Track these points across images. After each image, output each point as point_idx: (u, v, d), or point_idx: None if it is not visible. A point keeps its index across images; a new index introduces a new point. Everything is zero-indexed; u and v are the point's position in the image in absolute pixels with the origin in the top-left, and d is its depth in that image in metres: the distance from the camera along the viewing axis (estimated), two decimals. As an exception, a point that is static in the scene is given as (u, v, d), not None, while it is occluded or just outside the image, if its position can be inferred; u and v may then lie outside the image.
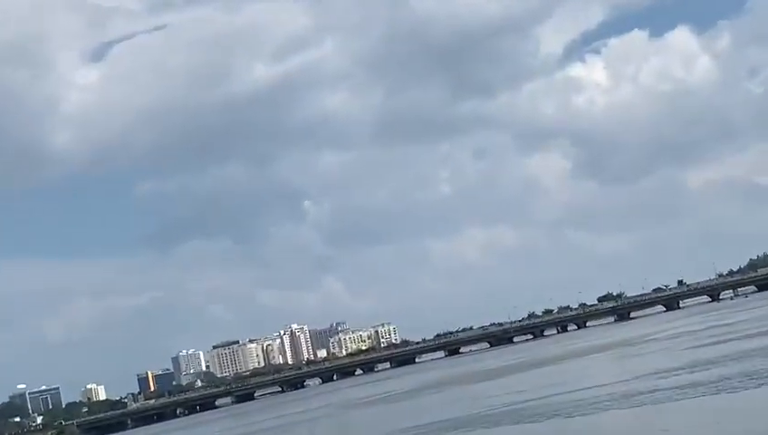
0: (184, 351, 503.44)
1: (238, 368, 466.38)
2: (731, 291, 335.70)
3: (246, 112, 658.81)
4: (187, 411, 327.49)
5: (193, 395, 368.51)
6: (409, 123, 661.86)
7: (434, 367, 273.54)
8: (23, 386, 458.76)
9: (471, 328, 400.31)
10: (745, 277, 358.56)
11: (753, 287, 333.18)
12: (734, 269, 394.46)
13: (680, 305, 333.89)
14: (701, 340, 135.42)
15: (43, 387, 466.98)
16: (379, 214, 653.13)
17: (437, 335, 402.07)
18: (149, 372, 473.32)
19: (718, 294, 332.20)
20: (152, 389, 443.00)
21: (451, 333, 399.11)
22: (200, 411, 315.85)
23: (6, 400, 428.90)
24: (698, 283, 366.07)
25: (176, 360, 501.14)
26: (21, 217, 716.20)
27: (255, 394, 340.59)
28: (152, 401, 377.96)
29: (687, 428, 58.89)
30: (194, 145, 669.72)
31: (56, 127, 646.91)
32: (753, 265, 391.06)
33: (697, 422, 60.88)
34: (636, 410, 73.24)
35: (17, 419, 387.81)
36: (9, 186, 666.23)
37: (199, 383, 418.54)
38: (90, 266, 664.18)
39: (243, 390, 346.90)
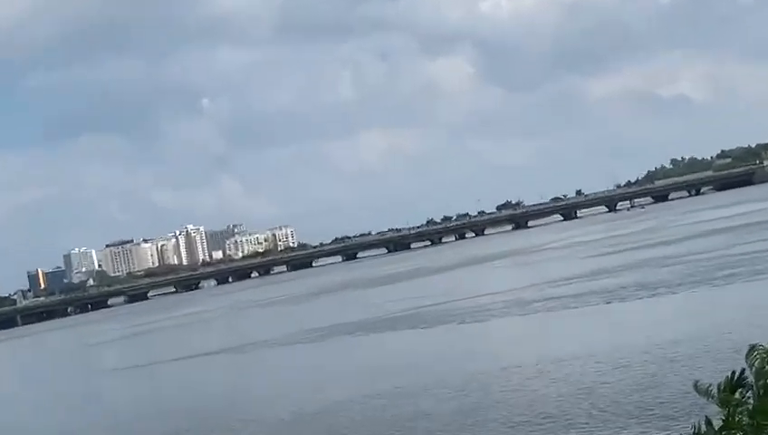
0: (76, 249, 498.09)
1: (132, 268, 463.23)
2: (628, 202, 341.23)
3: (145, 6, 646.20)
4: (78, 310, 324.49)
5: (85, 294, 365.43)
6: (311, 23, 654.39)
7: (331, 271, 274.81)
8: None
9: (369, 233, 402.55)
10: (642, 189, 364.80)
11: (649, 199, 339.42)
12: (632, 180, 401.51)
13: (578, 215, 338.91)
14: (597, 249, 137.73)
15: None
16: (279, 115, 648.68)
17: (335, 240, 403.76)
18: (39, 270, 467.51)
19: (615, 205, 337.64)
20: (42, 286, 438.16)
21: (349, 237, 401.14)
22: (92, 310, 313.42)
23: None
24: (596, 193, 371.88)
25: (67, 258, 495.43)
26: None
27: (149, 294, 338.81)
28: (42, 299, 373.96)
29: (577, 335, 59.89)
30: (88, 37, 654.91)
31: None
32: (650, 177, 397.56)
33: (588, 330, 61.98)
34: (529, 317, 74.55)
35: None
36: None
37: (91, 282, 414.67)
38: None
39: (136, 290, 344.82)
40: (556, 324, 68.58)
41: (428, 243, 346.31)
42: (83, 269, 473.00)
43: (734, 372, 9.86)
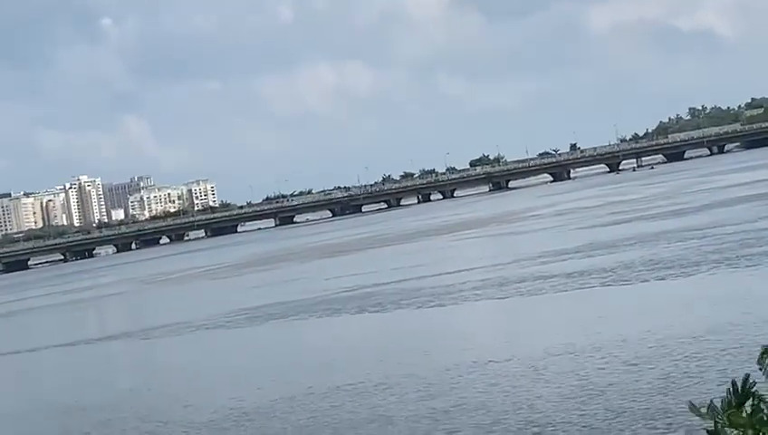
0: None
1: (9, 228, 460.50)
2: (634, 160, 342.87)
3: None
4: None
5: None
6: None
7: (261, 238, 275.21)
8: None
9: (310, 192, 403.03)
10: (652, 144, 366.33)
11: (660, 157, 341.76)
12: (640, 134, 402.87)
13: (571, 176, 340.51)
14: (594, 219, 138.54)
15: None
16: (198, 41, 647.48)
17: (267, 199, 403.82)
18: None
19: (618, 164, 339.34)
20: None
21: (284, 196, 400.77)
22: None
23: None
24: (595, 148, 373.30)
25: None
26: None
27: (30, 262, 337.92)
28: None
29: (563, 327, 60.10)
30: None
31: None
32: (662, 130, 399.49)
33: (577, 320, 62.25)
34: (504, 302, 74.85)
35: None
36: None
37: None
38: None
39: (13, 255, 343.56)
40: (540, 311, 68.97)
41: (384, 205, 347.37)
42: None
43: (734, 383, 9.98)
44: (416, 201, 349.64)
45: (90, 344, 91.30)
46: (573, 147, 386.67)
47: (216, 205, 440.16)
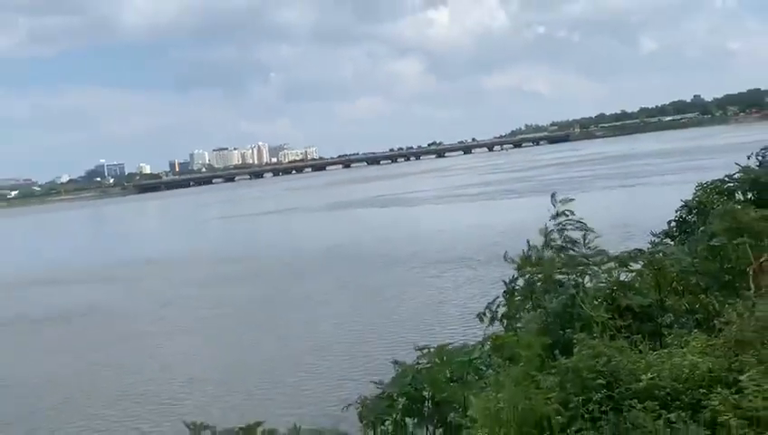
0: (196, 150, 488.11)
1: (227, 164, 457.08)
2: (500, 146, 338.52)
3: None
4: (195, 184, 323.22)
5: (200, 175, 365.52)
6: None
7: (336, 174, 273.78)
8: (102, 160, 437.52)
9: (357, 153, 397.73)
10: (507, 139, 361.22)
11: (511, 145, 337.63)
12: (503, 134, 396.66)
13: (472, 152, 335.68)
14: (484, 170, 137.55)
15: (114, 162, 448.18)
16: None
17: (339, 155, 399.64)
18: (176, 160, 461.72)
19: (492, 147, 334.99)
20: (177, 170, 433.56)
21: (346, 155, 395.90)
22: (203, 185, 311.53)
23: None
24: (483, 140, 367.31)
25: (191, 156, 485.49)
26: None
27: (236, 178, 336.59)
28: (176, 177, 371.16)
29: (471, 216, 59.71)
30: None
31: None
32: (513, 133, 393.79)
33: (474, 215, 61.69)
34: (443, 205, 74.57)
35: (98, 179, 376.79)
36: None
37: (204, 170, 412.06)
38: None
39: (230, 175, 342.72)
40: (458, 210, 68.21)
41: (389, 161, 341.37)
42: (200, 162, 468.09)
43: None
44: (389, 162, 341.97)
45: (269, 215, 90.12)
46: (473, 139, 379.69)
47: (317, 157, 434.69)
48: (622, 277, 8.83)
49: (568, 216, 9.26)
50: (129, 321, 32.75)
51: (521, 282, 8.67)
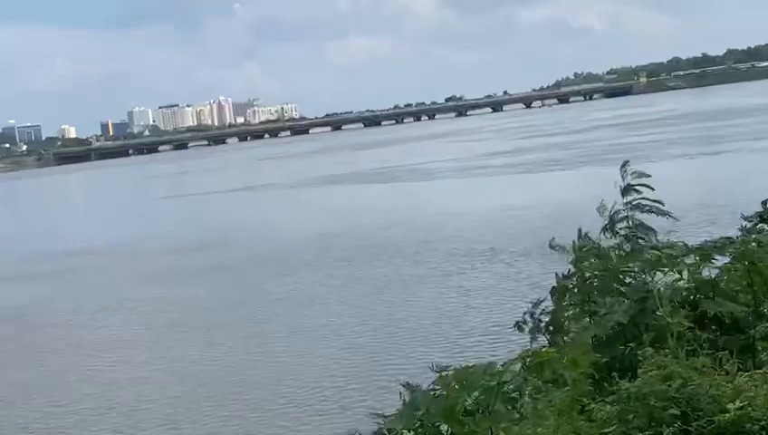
0: (137, 108, 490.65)
1: (177, 125, 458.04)
2: (539, 102, 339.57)
3: None
4: (136, 153, 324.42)
5: (142, 140, 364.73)
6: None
7: (321, 138, 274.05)
8: (12, 121, 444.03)
9: (351, 112, 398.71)
10: (550, 92, 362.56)
11: (555, 100, 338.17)
12: (544, 86, 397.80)
13: (503, 109, 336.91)
14: (519, 134, 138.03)
15: (28, 123, 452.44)
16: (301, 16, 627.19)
17: (326, 115, 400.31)
18: (109, 121, 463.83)
19: (530, 103, 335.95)
20: (111, 133, 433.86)
21: (336, 114, 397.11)
22: (146, 153, 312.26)
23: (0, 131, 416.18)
24: (517, 93, 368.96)
25: (130, 114, 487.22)
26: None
27: (189, 145, 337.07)
28: (110, 143, 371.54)
29: (502, 195, 60.13)
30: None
31: None
32: (557, 85, 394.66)
33: (506, 193, 62.15)
34: (466, 179, 75.02)
35: (7, 145, 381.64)
36: None
37: (147, 133, 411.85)
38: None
39: (180, 141, 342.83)
40: (484, 185, 68.78)
41: (393, 122, 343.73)
42: (142, 123, 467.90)
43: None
44: (412, 120, 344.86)
45: (230, 193, 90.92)
46: (505, 92, 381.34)
47: (297, 117, 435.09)
48: (704, 274, 8.58)
49: (641, 193, 9.19)
50: (59, 329, 32.87)
51: (574, 280, 8.60)
